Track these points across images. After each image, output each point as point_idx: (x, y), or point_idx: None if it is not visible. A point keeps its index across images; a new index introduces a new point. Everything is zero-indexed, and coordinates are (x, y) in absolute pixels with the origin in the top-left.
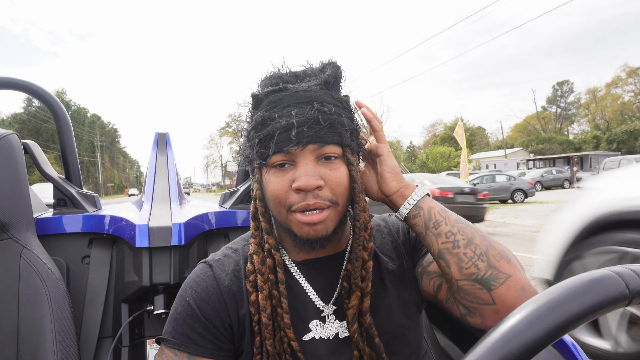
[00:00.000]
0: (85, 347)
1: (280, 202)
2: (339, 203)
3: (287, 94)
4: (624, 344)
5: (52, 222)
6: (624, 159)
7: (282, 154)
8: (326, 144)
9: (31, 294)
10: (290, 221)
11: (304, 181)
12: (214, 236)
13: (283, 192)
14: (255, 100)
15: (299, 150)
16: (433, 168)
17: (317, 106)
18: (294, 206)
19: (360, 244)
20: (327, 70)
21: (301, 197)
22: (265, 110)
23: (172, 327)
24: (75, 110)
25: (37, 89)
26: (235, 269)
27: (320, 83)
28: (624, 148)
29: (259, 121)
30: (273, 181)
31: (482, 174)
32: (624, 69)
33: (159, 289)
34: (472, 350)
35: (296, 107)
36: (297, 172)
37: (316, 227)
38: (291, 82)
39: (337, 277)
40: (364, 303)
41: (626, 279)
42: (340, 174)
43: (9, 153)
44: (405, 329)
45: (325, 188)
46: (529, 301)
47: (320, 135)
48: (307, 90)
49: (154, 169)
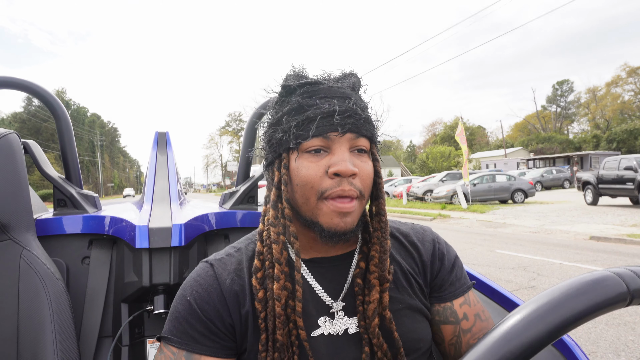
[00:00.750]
0: (85, 346)
1: (313, 187)
2: (365, 196)
3: (323, 87)
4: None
5: (52, 223)
6: (624, 158)
7: (320, 138)
8: (361, 136)
9: (31, 295)
10: (320, 210)
11: (343, 166)
12: (214, 237)
13: (317, 177)
14: (287, 90)
15: (337, 136)
16: (433, 167)
17: (354, 100)
18: (328, 191)
19: (387, 238)
20: (351, 78)
21: (336, 182)
22: (301, 97)
23: (172, 325)
24: (75, 109)
25: (37, 88)
26: (237, 268)
27: (350, 85)
28: (624, 147)
29: (295, 106)
30: (307, 165)
31: (482, 173)
32: (624, 68)
33: (159, 289)
34: (472, 349)
35: (335, 99)
36: (334, 157)
37: (346, 218)
38: (324, 80)
39: (345, 276)
40: (384, 298)
41: (626, 279)
42: (369, 167)
43: (9, 153)
44: (416, 332)
45: (357, 178)
46: (530, 301)
47: (358, 125)
48: (341, 88)
49: (154, 169)
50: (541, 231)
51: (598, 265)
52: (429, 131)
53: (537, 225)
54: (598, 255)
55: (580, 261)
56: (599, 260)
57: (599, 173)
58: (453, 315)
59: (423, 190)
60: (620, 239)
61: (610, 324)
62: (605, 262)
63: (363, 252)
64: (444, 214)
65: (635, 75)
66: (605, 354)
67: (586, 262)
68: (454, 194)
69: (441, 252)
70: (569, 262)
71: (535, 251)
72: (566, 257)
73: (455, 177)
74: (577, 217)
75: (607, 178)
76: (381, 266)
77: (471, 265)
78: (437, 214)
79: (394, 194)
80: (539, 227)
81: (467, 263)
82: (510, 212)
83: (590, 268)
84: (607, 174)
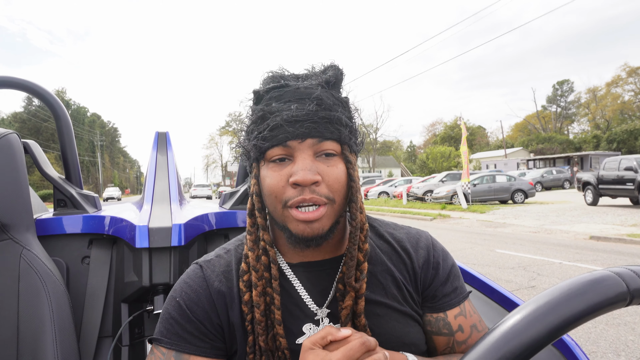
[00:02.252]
0: (85, 346)
1: (277, 197)
2: (336, 200)
3: (289, 90)
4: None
5: (52, 223)
6: (624, 158)
7: (280, 147)
8: (325, 139)
9: (31, 294)
10: (287, 217)
11: (301, 175)
12: (214, 237)
13: (280, 187)
14: (257, 96)
15: (297, 144)
16: (433, 168)
17: (316, 101)
18: (290, 201)
19: (355, 243)
20: (329, 71)
21: (298, 191)
22: (266, 104)
23: (163, 326)
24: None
25: (37, 88)
26: (225, 270)
27: (322, 82)
28: (624, 147)
29: (259, 115)
30: (270, 175)
31: (482, 174)
32: (624, 69)
33: (159, 289)
34: (472, 349)
35: (296, 102)
36: (295, 166)
37: (312, 224)
38: (293, 81)
39: (332, 282)
40: (359, 305)
41: (626, 279)
42: (338, 171)
43: (9, 153)
44: (404, 338)
45: (323, 184)
46: (530, 301)
47: (319, 129)
48: (308, 88)
49: (154, 169)
50: (541, 231)
51: (598, 265)
52: (429, 131)
53: (537, 225)
54: (598, 255)
55: (580, 261)
56: (599, 260)
57: (599, 173)
58: (447, 327)
59: (423, 190)
60: (620, 238)
61: (610, 323)
62: (605, 262)
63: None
64: (444, 214)
65: (635, 75)
66: (605, 353)
67: (586, 262)
68: (454, 194)
69: (436, 260)
70: (569, 262)
71: (535, 251)
72: (566, 256)
73: (456, 178)
74: (577, 217)
75: (607, 178)
76: (347, 272)
77: (471, 265)
78: (437, 214)
79: (394, 194)
80: (539, 227)
81: (467, 263)
82: (510, 212)
83: (590, 268)
84: (607, 174)
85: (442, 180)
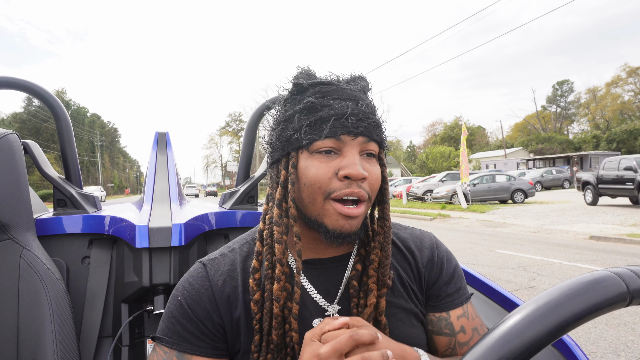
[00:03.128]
0: (85, 346)
1: (321, 187)
2: (371, 199)
3: (335, 89)
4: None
5: (52, 223)
6: (624, 158)
7: (332, 139)
8: (371, 140)
9: (31, 295)
10: (326, 210)
11: (354, 169)
12: (214, 237)
13: (327, 178)
14: (299, 88)
15: (350, 139)
16: (433, 168)
17: (365, 103)
18: (336, 192)
19: (389, 243)
20: (361, 81)
21: (345, 184)
22: (314, 97)
23: (165, 325)
24: (75, 109)
25: (37, 88)
26: (230, 269)
27: (361, 88)
28: (624, 147)
29: (308, 105)
30: (317, 165)
31: (482, 174)
32: (624, 69)
33: (159, 289)
34: (472, 349)
35: (348, 101)
36: (345, 160)
37: (352, 221)
38: (336, 81)
39: (341, 278)
40: (381, 303)
41: (626, 279)
42: (378, 171)
43: (9, 153)
44: (408, 339)
45: (366, 182)
46: (530, 301)
47: (370, 130)
48: (353, 91)
49: (154, 169)
50: (541, 231)
51: (598, 265)
52: (429, 131)
53: (537, 225)
54: (598, 255)
55: (580, 261)
56: (599, 260)
57: (599, 173)
58: (448, 327)
59: (423, 190)
60: (620, 238)
61: (610, 324)
62: (605, 262)
63: (360, 255)
64: (443, 214)
65: (635, 75)
66: (605, 354)
67: (586, 262)
68: (453, 193)
69: (440, 260)
70: (569, 262)
71: (535, 251)
72: (566, 257)
73: (455, 177)
74: (576, 216)
75: (607, 178)
76: (382, 271)
77: (471, 265)
78: (437, 214)
79: (394, 193)
80: (538, 227)
81: (467, 263)
82: (510, 212)
83: (590, 268)
84: (607, 174)
85: (442, 180)
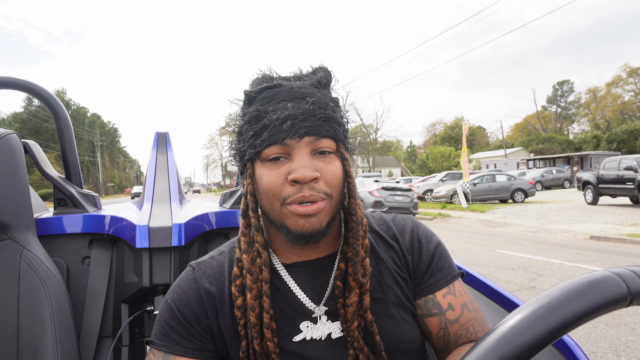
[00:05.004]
0: (85, 347)
1: (275, 194)
2: (333, 196)
3: (282, 90)
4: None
5: (52, 223)
6: (624, 158)
7: (277, 145)
8: (321, 137)
9: (31, 295)
10: (285, 214)
11: (300, 173)
12: (214, 236)
13: (278, 185)
14: (248, 97)
15: (294, 142)
16: (433, 168)
17: (312, 100)
18: (290, 198)
19: (358, 239)
20: (319, 72)
21: (297, 189)
22: (260, 104)
23: (156, 328)
24: (75, 109)
25: (37, 88)
26: (217, 272)
27: (314, 82)
28: (624, 148)
29: (253, 115)
30: (267, 174)
31: (482, 173)
32: (625, 69)
33: (159, 290)
34: (472, 349)
35: (291, 101)
36: (293, 164)
37: (311, 219)
38: (285, 81)
39: (328, 279)
40: (364, 300)
41: (626, 280)
42: (335, 168)
43: (9, 153)
44: (399, 334)
45: (321, 181)
46: (530, 301)
47: (316, 128)
48: (302, 87)
49: (154, 169)
50: (541, 231)
51: (598, 266)
52: (429, 131)
53: (537, 225)
54: (598, 255)
55: (580, 261)
56: (599, 260)
57: (599, 173)
58: (436, 306)
59: (423, 189)
60: (621, 238)
61: (611, 324)
62: (606, 262)
63: (344, 253)
64: (444, 214)
65: (635, 75)
66: (605, 354)
67: (586, 262)
68: (454, 193)
69: (419, 240)
70: (569, 262)
71: (536, 251)
72: (566, 257)
73: (456, 177)
74: (577, 216)
75: (607, 178)
76: (354, 268)
77: (471, 265)
78: (437, 214)
79: None
80: (539, 227)
81: (467, 263)
82: (511, 211)
83: (591, 268)
84: (607, 174)
85: (442, 180)
